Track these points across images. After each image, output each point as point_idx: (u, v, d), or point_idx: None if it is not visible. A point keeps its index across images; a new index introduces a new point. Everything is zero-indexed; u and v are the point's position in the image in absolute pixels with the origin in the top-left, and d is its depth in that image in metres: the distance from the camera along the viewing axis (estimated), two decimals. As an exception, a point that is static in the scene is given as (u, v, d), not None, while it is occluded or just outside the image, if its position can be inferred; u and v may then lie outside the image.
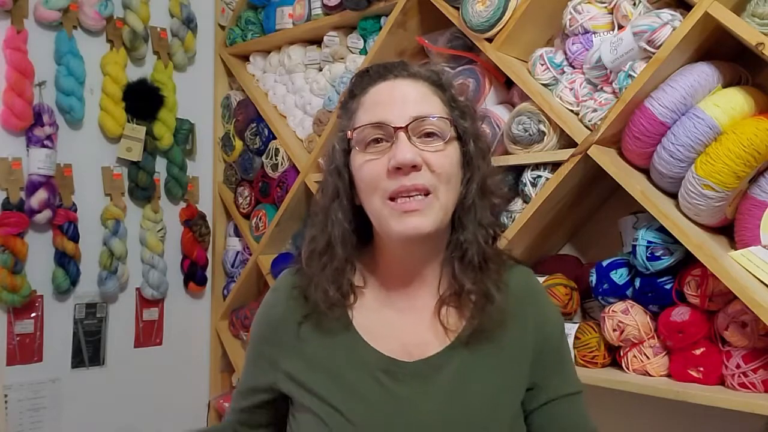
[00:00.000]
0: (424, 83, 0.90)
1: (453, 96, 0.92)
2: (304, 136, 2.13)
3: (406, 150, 0.83)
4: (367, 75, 0.93)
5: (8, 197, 1.90)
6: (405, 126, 0.85)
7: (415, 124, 0.85)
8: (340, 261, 0.90)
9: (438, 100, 0.90)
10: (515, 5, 1.52)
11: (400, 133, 0.84)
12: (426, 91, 0.90)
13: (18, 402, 1.94)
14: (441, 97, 0.90)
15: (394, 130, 0.85)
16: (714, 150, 1.21)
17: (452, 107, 0.91)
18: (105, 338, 2.13)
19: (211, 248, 2.42)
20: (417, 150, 0.84)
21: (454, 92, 0.92)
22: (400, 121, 0.85)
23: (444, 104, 0.90)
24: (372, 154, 0.86)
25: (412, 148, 0.84)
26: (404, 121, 0.85)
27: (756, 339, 1.24)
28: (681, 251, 1.30)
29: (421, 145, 0.85)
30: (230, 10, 2.40)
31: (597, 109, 1.42)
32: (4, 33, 1.92)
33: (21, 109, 1.90)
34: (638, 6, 1.39)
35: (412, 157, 0.83)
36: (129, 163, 2.18)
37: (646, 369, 1.37)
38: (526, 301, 0.93)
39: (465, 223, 0.89)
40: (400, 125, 0.85)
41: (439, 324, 0.89)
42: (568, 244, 1.76)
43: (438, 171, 0.85)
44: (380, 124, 0.86)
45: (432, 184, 0.85)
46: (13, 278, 1.88)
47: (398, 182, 0.84)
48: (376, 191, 0.86)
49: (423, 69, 0.93)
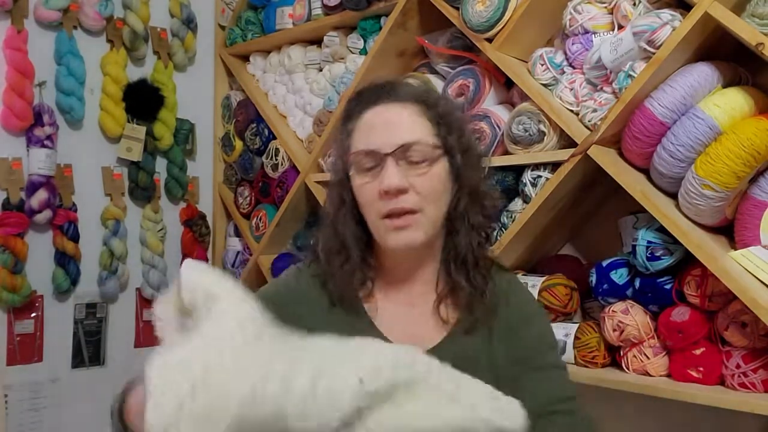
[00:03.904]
0: (411, 105, 0.97)
1: (441, 113, 0.98)
2: (304, 136, 2.13)
3: (392, 176, 0.92)
4: (359, 99, 1.01)
5: (8, 197, 1.90)
6: (392, 152, 0.93)
7: (401, 150, 0.93)
8: (355, 259, 1.00)
9: (425, 121, 0.97)
10: (515, 5, 1.52)
11: (388, 159, 0.93)
12: (413, 114, 0.96)
13: (18, 402, 1.94)
14: (428, 117, 0.97)
15: (383, 156, 0.94)
16: (714, 150, 1.21)
17: (440, 124, 0.97)
18: (105, 338, 2.13)
19: (211, 248, 2.42)
20: (403, 175, 0.93)
21: (441, 110, 0.99)
22: (387, 148, 0.94)
23: (431, 124, 0.97)
24: (366, 177, 0.96)
25: (398, 174, 0.93)
26: (391, 148, 0.93)
27: (756, 339, 1.24)
28: (681, 251, 1.30)
29: (407, 169, 0.94)
30: (230, 10, 2.40)
31: (597, 109, 1.42)
32: (4, 33, 1.91)
33: (21, 109, 1.90)
34: (638, 6, 1.39)
35: (397, 183, 0.92)
36: (129, 163, 2.18)
37: (646, 369, 1.37)
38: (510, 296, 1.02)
39: (458, 228, 0.99)
40: (388, 152, 0.93)
41: (439, 318, 0.99)
42: (568, 244, 1.76)
43: (423, 193, 0.94)
44: (370, 152, 0.95)
45: (418, 205, 0.94)
46: (13, 278, 1.88)
47: (388, 205, 0.94)
48: (372, 210, 0.96)
49: (411, 90, 1.00)
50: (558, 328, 1.46)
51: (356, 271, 1.00)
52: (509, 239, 1.53)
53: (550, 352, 1.00)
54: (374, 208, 0.95)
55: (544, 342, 1.00)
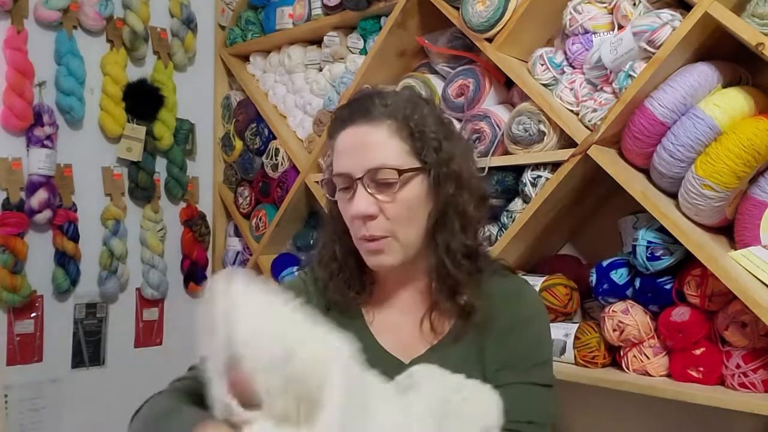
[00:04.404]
0: (382, 126, 0.94)
1: (414, 130, 0.94)
2: (304, 136, 2.13)
3: (360, 202, 0.92)
4: (337, 117, 0.99)
5: (8, 197, 1.90)
6: (361, 177, 0.93)
7: (369, 175, 0.93)
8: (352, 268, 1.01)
9: (397, 141, 0.94)
10: (515, 5, 1.52)
11: (358, 183, 0.93)
12: (384, 135, 0.94)
13: (18, 402, 1.94)
14: (402, 136, 0.94)
15: (353, 180, 0.94)
16: (714, 150, 1.21)
17: (415, 140, 0.94)
18: (105, 338, 2.13)
19: (211, 248, 2.42)
20: (372, 200, 0.93)
21: (414, 125, 0.94)
22: (357, 173, 0.93)
23: (405, 142, 0.94)
24: (343, 199, 0.97)
25: (366, 199, 0.92)
26: (361, 173, 0.93)
27: (756, 339, 1.24)
28: (681, 251, 1.30)
29: (377, 194, 0.93)
30: (230, 10, 2.40)
31: (597, 109, 1.42)
32: (4, 33, 1.91)
33: (21, 109, 1.90)
34: (638, 6, 1.39)
35: (364, 210, 0.92)
36: (129, 163, 2.18)
37: (646, 369, 1.37)
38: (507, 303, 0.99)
39: (438, 243, 0.96)
40: (358, 176, 0.93)
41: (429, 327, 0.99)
42: (568, 244, 1.76)
43: (393, 218, 0.93)
44: (343, 174, 0.95)
45: (389, 230, 0.93)
46: (13, 278, 1.88)
47: (360, 230, 0.94)
48: (351, 229, 0.97)
49: (385, 107, 0.95)
50: (558, 328, 1.47)
51: (352, 280, 1.02)
52: (509, 239, 1.53)
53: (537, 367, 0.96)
54: (352, 229, 0.97)
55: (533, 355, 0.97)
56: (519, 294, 1.02)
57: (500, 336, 0.96)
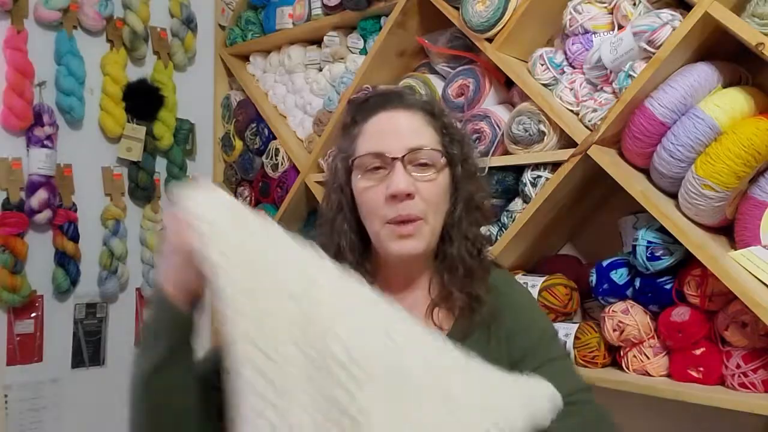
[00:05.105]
0: (418, 113, 0.98)
1: (445, 124, 1.00)
2: (304, 136, 2.13)
3: (401, 180, 0.93)
4: (367, 104, 1.01)
5: (8, 197, 1.90)
6: (402, 156, 0.94)
7: (410, 155, 0.94)
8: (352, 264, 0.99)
9: (431, 130, 0.98)
10: (515, 5, 1.52)
11: (397, 162, 0.93)
12: (421, 121, 0.98)
13: (18, 402, 1.94)
14: (434, 126, 0.99)
15: (392, 159, 0.94)
16: (714, 150, 1.21)
17: (444, 134, 0.99)
18: (105, 338, 2.13)
19: (211, 248, 2.41)
20: (411, 179, 0.94)
21: (445, 120, 1.01)
22: (397, 152, 0.94)
23: (436, 133, 0.99)
24: (371, 180, 0.96)
25: (407, 178, 0.93)
26: (401, 152, 0.94)
27: (756, 339, 1.24)
28: (681, 251, 1.30)
29: (415, 174, 0.94)
30: (230, 10, 2.40)
31: (597, 109, 1.42)
32: (4, 33, 1.91)
33: (21, 109, 1.90)
34: (638, 6, 1.39)
35: (405, 187, 0.92)
36: (129, 163, 2.18)
37: (646, 369, 1.37)
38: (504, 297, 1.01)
39: (452, 237, 0.99)
40: (397, 155, 0.94)
41: (432, 324, 0.98)
42: (568, 244, 1.76)
43: (429, 199, 0.95)
44: (379, 154, 0.95)
45: (423, 212, 0.94)
46: (13, 278, 1.88)
47: (395, 210, 0.93)
48: (376, 216, 0.96)
49: (418, 99, 1.02)
50: (558, 328, 1.46)
51: None
52: (509, 239, 1.53)
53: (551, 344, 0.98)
54: (378, 213, 0.95)
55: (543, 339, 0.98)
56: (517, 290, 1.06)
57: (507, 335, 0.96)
